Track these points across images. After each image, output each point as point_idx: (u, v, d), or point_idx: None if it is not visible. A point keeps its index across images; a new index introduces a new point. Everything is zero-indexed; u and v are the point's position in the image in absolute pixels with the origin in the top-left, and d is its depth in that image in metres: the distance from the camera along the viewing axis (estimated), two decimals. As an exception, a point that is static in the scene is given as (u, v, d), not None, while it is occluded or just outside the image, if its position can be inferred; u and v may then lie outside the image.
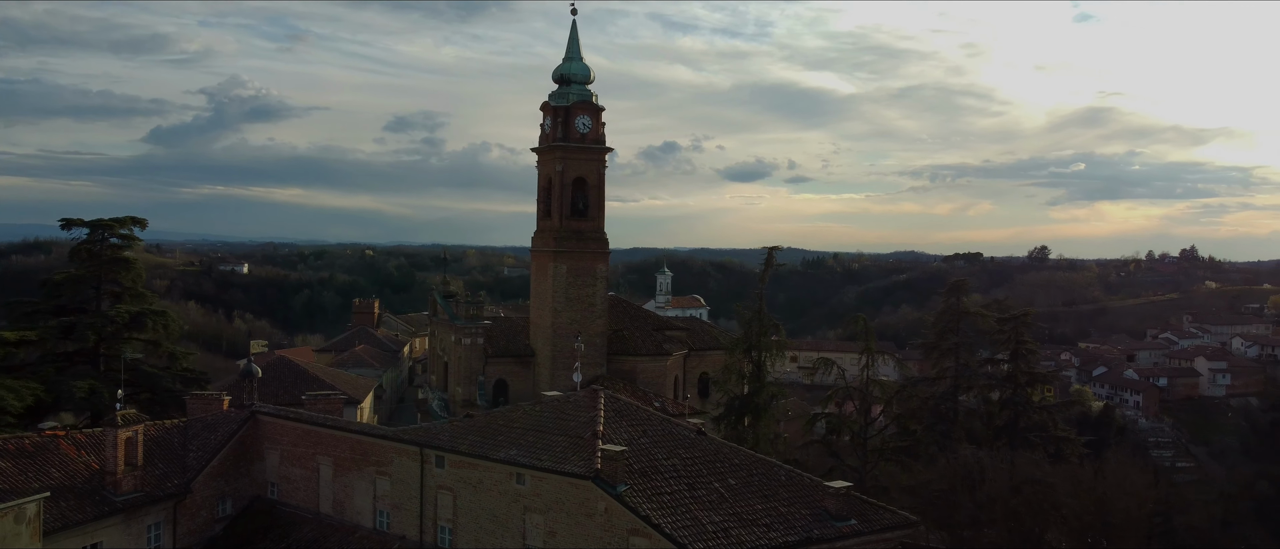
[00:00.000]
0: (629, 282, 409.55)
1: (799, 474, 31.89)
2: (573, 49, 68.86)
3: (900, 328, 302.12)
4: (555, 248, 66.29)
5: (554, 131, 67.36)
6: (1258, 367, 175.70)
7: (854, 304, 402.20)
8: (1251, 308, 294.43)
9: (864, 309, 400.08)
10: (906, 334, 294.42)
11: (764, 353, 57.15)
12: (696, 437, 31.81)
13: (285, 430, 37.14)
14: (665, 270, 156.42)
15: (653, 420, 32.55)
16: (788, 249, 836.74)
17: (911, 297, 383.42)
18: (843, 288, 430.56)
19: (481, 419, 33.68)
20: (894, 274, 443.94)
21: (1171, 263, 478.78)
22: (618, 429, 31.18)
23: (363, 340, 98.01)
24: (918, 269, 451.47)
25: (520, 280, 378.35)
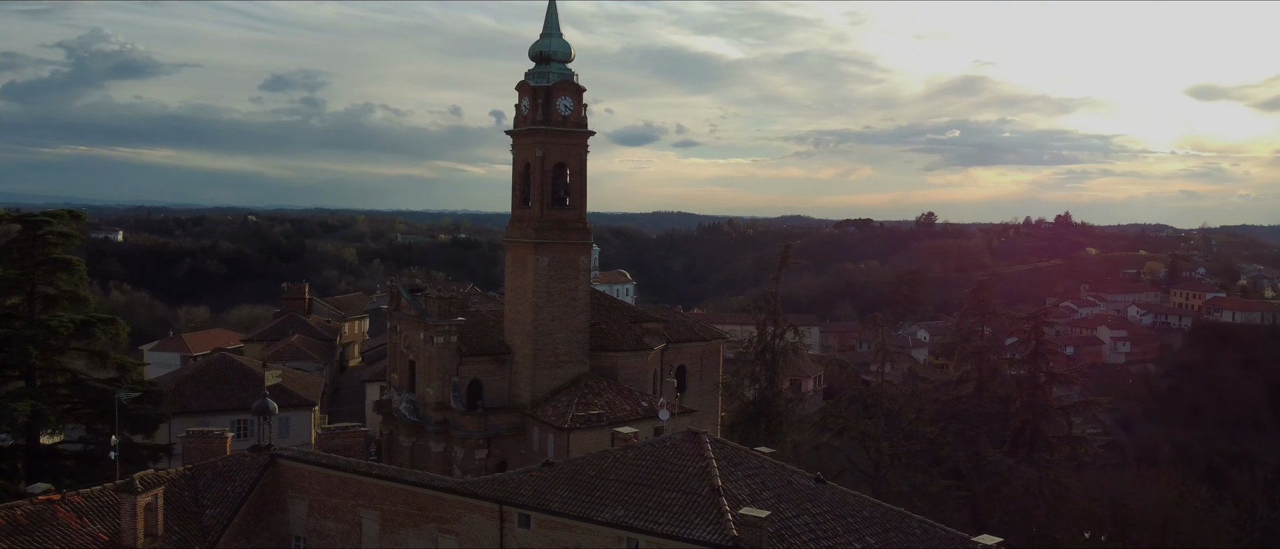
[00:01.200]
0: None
1: (933, 526, 28.96)
2: (551, 24, 63.86)
3: (801, 295, 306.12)
4: (536, 239, 61.67)
5: (533, 113, 62.44)
6: (1153, 334, 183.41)
7: (751, 270, 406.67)
8: (1129, 273, 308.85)
9: (762, 275, 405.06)
10: (808, 302, 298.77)
11: (779, 356, 54.09)
12: (817, 484, 28.44)
13: (313, 477, 32.15)
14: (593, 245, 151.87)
15: (766, 467, 28.98)
16: (677, 214, 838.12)
17: (808, 263, 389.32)
18: (739, 253, 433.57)
19: (564, 468, 29.44)
20: (788, 240, 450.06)
21: (1047, 228, 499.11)
22: (735, 480, 27.54)
23: (296, 329, 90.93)
24: (811, 235, 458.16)
25: (417, 248, 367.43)
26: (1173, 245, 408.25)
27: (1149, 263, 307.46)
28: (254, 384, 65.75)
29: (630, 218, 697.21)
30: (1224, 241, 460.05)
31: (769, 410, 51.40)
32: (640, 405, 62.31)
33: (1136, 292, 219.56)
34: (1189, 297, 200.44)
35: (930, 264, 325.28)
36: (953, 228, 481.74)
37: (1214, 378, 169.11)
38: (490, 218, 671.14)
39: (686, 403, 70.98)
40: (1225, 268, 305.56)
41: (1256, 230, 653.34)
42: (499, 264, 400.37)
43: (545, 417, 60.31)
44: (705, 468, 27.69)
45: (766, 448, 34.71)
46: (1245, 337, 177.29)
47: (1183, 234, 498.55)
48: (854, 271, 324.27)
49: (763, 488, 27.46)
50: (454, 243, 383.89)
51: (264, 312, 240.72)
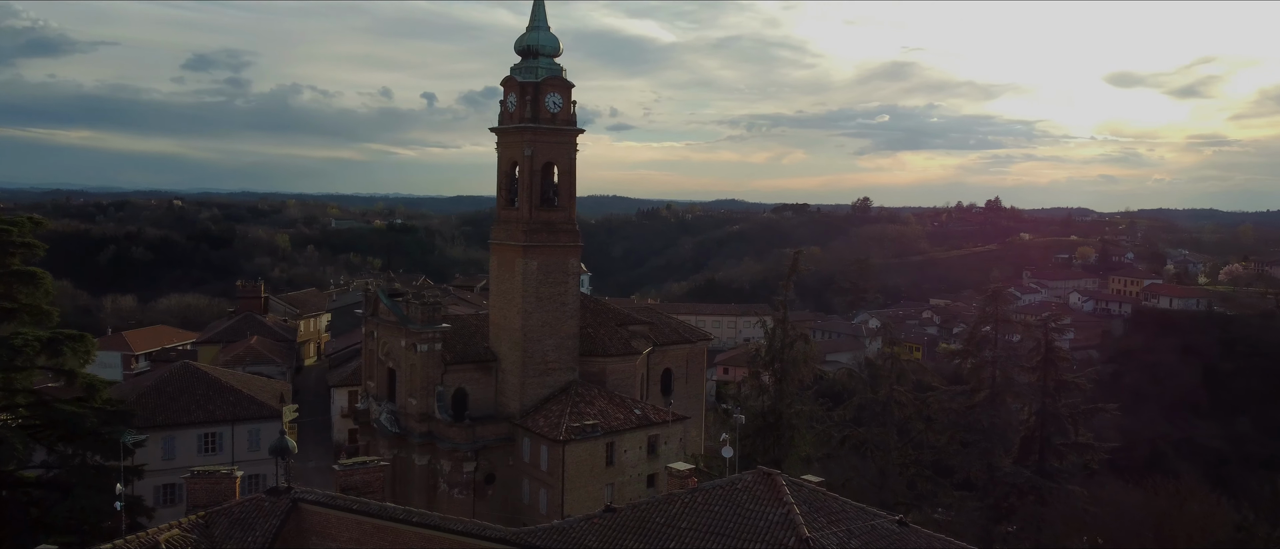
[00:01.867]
0: (464, 235, 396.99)
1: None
2: (539, 16, 61.05)
3: (744, 281, 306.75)
4: (525, 242, 59.05)
5: (521, 110, 59.67)
6: (1095, 321, 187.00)
7: (691, 254, 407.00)
8: (1062, 258, 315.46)
9: (703, 260, 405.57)
10: (750, 289, 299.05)
11: (790, 366, 52.38)
12: (901, 528, 26.73)
13: (342, 524, 29.39)
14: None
15: (848, 511, 27.15)
16: (613, 198, 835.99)
17: (746, 247, 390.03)
18: (678, 238, 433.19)
19: (629, 516, 27.19)
20: (727, 224, 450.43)
21: (979, 213, 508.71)
22: (820, 528, 25.66)
23: (253, 329, 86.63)
24: (749, 220, 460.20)
25: (351, 234, 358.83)
26: (1099, 230, 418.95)
27: (1080, 248, 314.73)
28: (222, 395, 62.23)
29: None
30: (1145, 226, 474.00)
31: (780, 423, 49.67)
32: (634, 413, 60.33)
33: (1075, 278, 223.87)
34: (1126, 283, 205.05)
35: (869, 249, 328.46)
36: (888, 212, 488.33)
37: (1154, 363, 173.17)
38: (424, 202, 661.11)
39: (673, 405, 69.32)
40: (1152, 253, 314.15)
41: (1172, 214, 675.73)
42: (436, 251, 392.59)
43: (536, 427, 57.93)
44: (787, 515, 25.76)
45: (813, 477, 32.87)
46: (1183, 322, 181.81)
47: (1107, 218, 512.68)
48: (795, 257, 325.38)
49: (850, 536, 25.65)
50: (390, 228, 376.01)
51: (195, 301, 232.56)
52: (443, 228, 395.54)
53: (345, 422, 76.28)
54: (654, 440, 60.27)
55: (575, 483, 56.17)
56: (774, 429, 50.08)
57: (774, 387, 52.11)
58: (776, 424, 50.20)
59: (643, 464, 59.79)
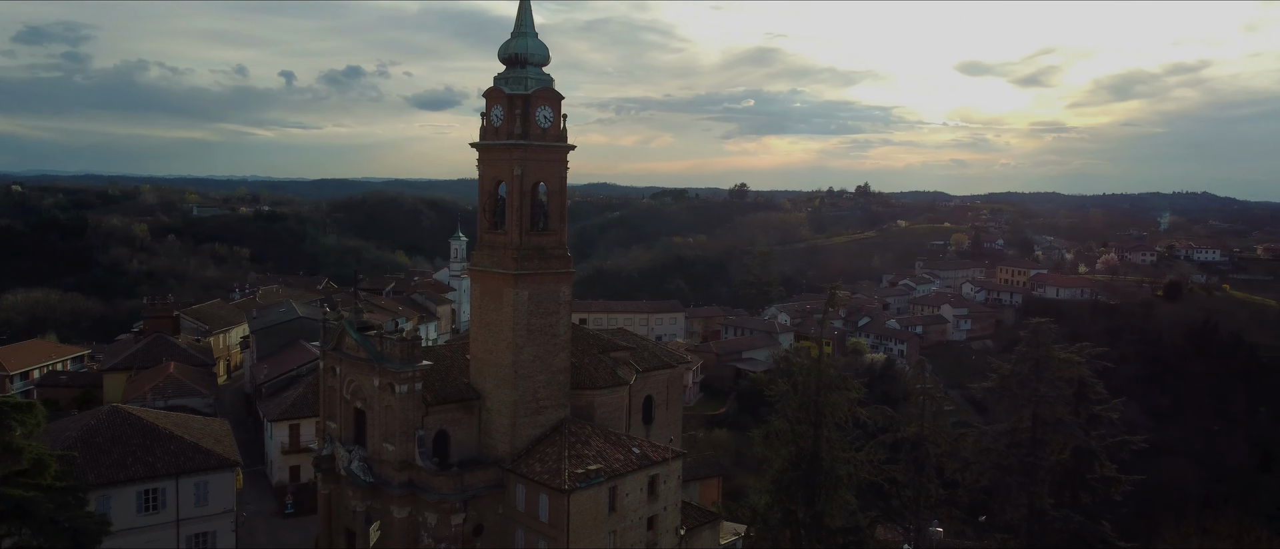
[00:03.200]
0: (337, 222, 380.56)
1: None
2: (526, 21, 55.66)
3: (631, 271, 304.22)
4: (516, 269, 53.77)
5: (509, 125, 54.25)
6: (989, 311, 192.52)
7: (572, 242, 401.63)
8: (936, 244, 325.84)
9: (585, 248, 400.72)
10: (640, 278, 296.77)
11: (828, 406, 48.95)
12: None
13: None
14: (460, 236, 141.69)
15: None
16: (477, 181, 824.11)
17: (628, 235, 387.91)
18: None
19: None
20: (606, 211, 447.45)
21: (849, 198, 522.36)
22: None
23: (166, 353, 77.65)
24: (629, 206, 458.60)
25: (215, 222, 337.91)
26: (963, 215, 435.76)
27: (955, 235, 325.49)
28: (161, 444, 55.05)
29: (437, 185, 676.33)
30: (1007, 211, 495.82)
31: (819, 470, 46.40)
32: (632, 453, 56.10)
33: (962, 268, 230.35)
34: (1013, 273, 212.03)
35: (754, 237, 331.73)
36: (764, 198, 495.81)
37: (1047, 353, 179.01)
38: (287, 185, 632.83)
39: (654, 435, 65.43)
40: (1021, 239, 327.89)
41: (1020, 197, 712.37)
42: (308, 239, 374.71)
43: (533, 474, 52.98)
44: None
45: None
46: (1071, 311, 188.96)
47: (969, 203, 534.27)
48: (682, 245, 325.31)
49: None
50: (258, 216, 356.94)
51: (46, 297, 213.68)
52: (314, 215, 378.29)
53: (286, 459, 69.29)
54: (654, 481, 56.23)
55: (578, 534, 51.67)
56: (811, 477, 46.73)
57: (810, 430, 48.74)
58: (814, 471, 46.86)
59: (643, 507, 55.74)
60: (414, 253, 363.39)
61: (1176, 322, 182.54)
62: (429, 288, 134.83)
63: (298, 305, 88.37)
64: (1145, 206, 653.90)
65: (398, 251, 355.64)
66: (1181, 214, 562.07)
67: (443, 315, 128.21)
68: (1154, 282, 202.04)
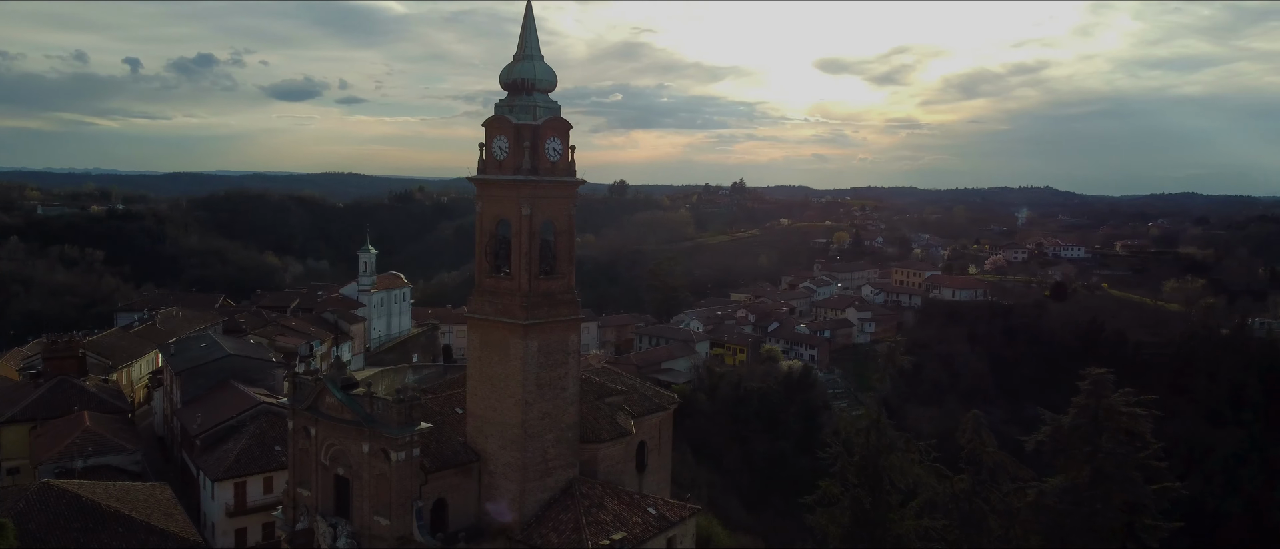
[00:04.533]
0: (198, 221, 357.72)
1: None
2: (531, 43, 50.20)
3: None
4: (525, 319, 48.43)
5: (517, 158, 48.81)
6: (890, 313, 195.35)
7: (454, 240, 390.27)
8: (819, 242, 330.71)
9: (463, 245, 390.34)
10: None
11: (888, 472, 45.55)
12: None
13: None
14: (369, 248, 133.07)
15: None
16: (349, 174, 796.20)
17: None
18: (436, 222, 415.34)
19: None
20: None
21: (725, 195, 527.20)
22: None
23: (76, 400, 67.93)
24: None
25: (61, 222, 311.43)
26: (837, 212, 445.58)
27: (837, 233, 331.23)
28: (107, 527, 47.46)
29: (301, 180, 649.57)
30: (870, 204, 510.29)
31: (880, 536, 43.17)
32: (649, 513, 51.70)
33: (859, 269, 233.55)
34: (909, 274, 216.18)
35: (642, 236, 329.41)
36: (642, 195, 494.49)
37: (948, 354, 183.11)
38: (135, 179, 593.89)
39: (648, 484, 61.10)
40: (899, 237, 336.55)
41: (879, 191, 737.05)
42: (167, 240, 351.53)
43: (551, 547, 47.89)
44: None
45: None
46: (968, 313, 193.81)
47: (840, 198, 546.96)
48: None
49: None
50: (110, 215, 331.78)
51: None
52: (173, 214, 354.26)
53: (231, 522, 61.73)
54: (671, 542, 51.99)
55: (605, 610, 46.98)
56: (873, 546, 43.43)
57: (869, 498, 45.37)
58: (877, 540, 43.56)
59: (661, 572, 51.42)
60: (283, 253, 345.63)
61: (1066, 321, 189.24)
62: (337, 304, 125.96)
63: (222, 340, 79.60)
64: (996, 200, 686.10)
65: (266, 252, 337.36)
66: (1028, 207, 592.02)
67: (356, 334, 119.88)
68: (1041, 282, 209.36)
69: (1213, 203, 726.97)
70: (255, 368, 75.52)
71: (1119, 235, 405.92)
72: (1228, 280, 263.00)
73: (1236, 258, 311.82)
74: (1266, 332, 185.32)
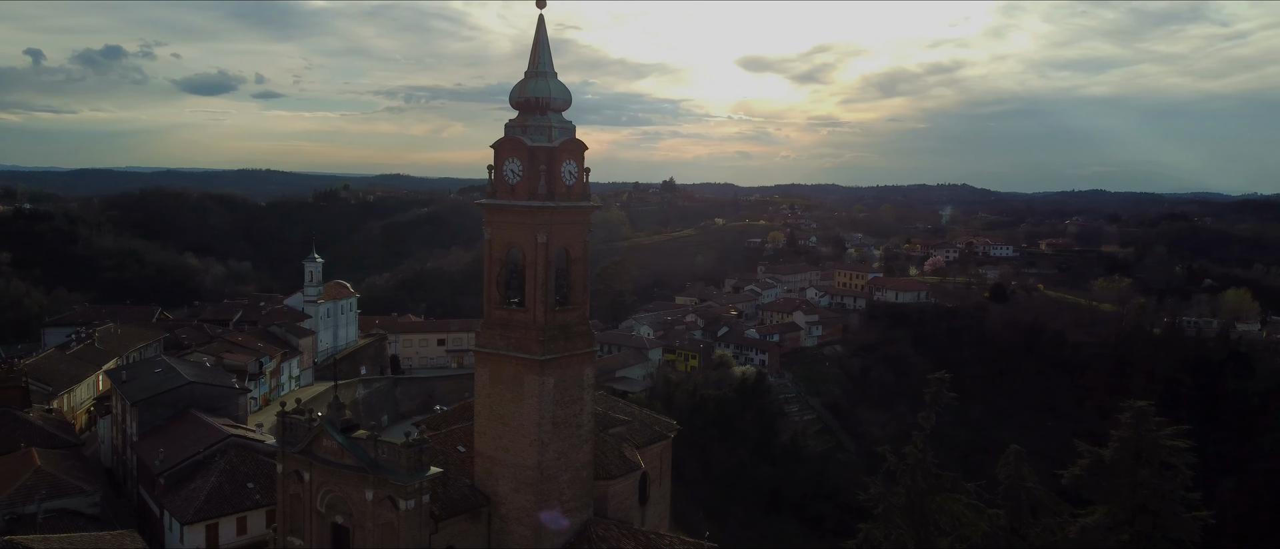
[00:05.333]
0: (112, 221, 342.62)
1: None
2: (544, 59, 47.17)
3: (454, 273, 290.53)
4: (541, 354, 45.43)
5: (531, 183, 45.73)
6: (836, 315, 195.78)
7: (381, 239, 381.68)
8: (753, 242, 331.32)
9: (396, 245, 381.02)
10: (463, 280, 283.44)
11: (935, 513, 43.64)
12: None
13: None
14: (315, 257, 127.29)
15: None
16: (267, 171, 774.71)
17: (440, 232, 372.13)
18: (363, 221, 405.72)
19: None
20: (414, 206, 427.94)
21: (655, 193, 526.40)
22: None
23: (19, 434, 62.00)
24: (437, 201, 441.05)
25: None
26: (764, 209, 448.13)
27: (772, 233, 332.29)
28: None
29: (216, 177, 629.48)
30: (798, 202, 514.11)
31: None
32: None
33: (800, 271, 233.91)
34: (852, 277, 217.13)
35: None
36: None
37: (895, 357, 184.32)
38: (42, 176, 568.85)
39: (650, 517, 58.60)
40: (833, 237, 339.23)
41: (803, 188, 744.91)
42: (80, 241, 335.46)
43: (572, 596, 45.10)
44: None
45: None
46: (912, 315, 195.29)
47: (769, 197, 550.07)
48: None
49: None
50: (17, 215, 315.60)
51: None
52: (85, 214, 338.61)
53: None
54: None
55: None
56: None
57: (913, 537, 43.50)
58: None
59: (684, 618, 48.98)
60: (204, 254, 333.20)
61: (1007, 322, 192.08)
62: (282, 316, 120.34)
63: (178, 364, 74.41)
64: (916, 198, 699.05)
65: (186, 253, 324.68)
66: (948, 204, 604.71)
67: (305, 348, 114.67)
68: (980, 283, 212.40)
69: (1120, 200, 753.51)
70: (217, 395, 70.75)
71: (1039, 233, 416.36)
72: (1148, 279, 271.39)
73: (1155, 256, 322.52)
74: (1196, 331, 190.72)
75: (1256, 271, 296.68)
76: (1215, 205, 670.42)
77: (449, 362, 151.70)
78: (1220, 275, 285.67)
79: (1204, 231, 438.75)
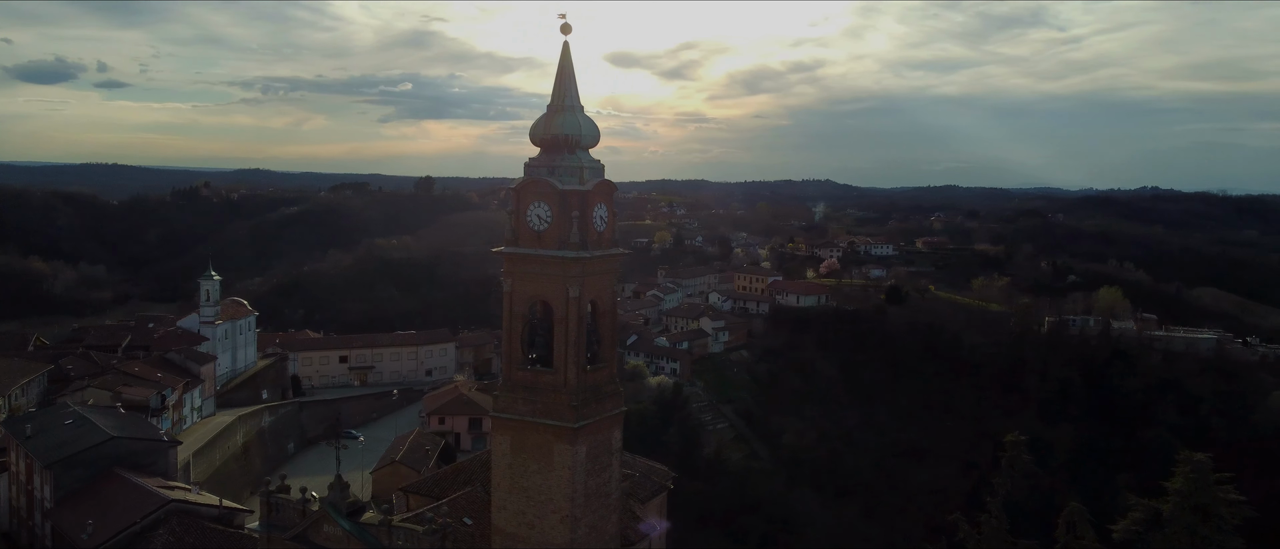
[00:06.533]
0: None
1: None
2: (570, 90, 42.50)
3: (335, 277, 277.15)
4: (575, 421, 40.84)
5: (561, 229, 41.00)
6: (740, 321, 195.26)
7: (249, 240, 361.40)
8: (640, 242, 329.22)
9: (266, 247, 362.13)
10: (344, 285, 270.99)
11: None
12: None
13: None
14: (212, 275, 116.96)
15: None
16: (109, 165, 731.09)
17: (312, 233, 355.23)
18: (228, 221, 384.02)
19: None
20: (282, 205, 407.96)
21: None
22: None
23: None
24: (307, 199, 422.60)
25: None
26: (643, 207, 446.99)
27: (659, 233, 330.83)
28: None
29: (54, 171, 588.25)
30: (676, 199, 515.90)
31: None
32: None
33: (697, 274, 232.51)
34: (752, 280, 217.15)
35: (464, 238, 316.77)
36: (450, 190, 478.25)
37: (802, 362, 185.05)
38: None
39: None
40: (718, 236, 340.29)
41: (673, 184, 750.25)
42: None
43: None
44: None
45: None
46: (815, 319, 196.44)
47: (646, 194, 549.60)
48: (386, 248, 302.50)
49: None
50: None
51: None
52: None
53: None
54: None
55: None
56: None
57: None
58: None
59: None
60: (51, 257, 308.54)
61: (905, 325, 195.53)
62: (177, 340, 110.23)
63: (94, 416, 65.70)
64: (783, 193, 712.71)
65: (31, 257, 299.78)
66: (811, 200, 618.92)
67: (207, 376, 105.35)
68: (876, 285, 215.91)
69: (973, 195, 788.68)
70: (143, 451, 62.81)
71: (908, 230, 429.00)
72: (1019, 276, 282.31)
73: (1023, 253, 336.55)
74: (1079, 329, 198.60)
75: (1111, 267, 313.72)
76: (1059, 200, 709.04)
77: (351, 379, 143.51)
78: (1083, 272, 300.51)
79: (1058, 228, 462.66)
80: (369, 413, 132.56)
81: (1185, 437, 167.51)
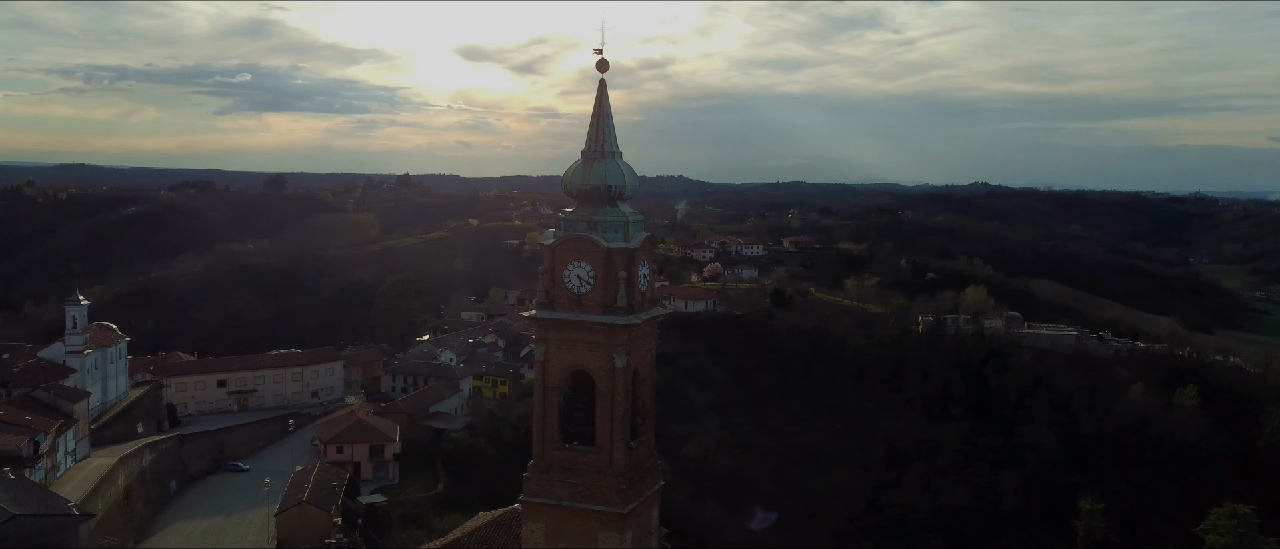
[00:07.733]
0: None
1: None
2: (609, 134, 38.03)
3: (188, 287, 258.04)
4: (623, 506, 36.62)
5: (607, 292, 36.59)
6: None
7: (83, 246, 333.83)
8: (511, 243, 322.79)
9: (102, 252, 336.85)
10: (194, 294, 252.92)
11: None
12: None
13: None
14: (79, 299, 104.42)
15: None
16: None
17: (153, 235, 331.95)
18: (57, 224, 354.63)
19: None
20: (117, 206, 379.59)
21: (391, 187, 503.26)
22: None
23: None
24: (145, 199, 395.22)
25: None
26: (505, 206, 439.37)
27: (530, 234, 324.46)
28: None
29: None
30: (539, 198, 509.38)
31: None
32: None
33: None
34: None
35: (327, 241, 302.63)
36: (303, 188, 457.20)
37: (694, 368, 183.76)
38: None
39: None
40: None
41: (528, 180, 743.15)
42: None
43: None
44: None
45: None
46: (706, 325, 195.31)
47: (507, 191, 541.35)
48: (243, 253, 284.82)
49: None
50: None
51: None
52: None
53: None
54: None
55: None
56: None
57: None
58: None
59: None
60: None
61: (791, 328, 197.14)
62: (40, 374, 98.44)
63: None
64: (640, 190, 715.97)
65: None
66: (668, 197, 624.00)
67: (80, 413, 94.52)
68: (762, 289, 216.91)
69: (819, 190, 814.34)
70: (50, 528, 54.47)
71: (770, 227, 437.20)
72: (884, 275, 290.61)
73: (884, 251, 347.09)
74: (955, 329, 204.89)
75: (963, 264, 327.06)
76: (901, 196, 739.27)
77: (231, 404, 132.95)
78: (939, 269, 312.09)
79: (907, 224, 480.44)
80: (254, 442, 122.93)
81: (1059, 432, 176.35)
